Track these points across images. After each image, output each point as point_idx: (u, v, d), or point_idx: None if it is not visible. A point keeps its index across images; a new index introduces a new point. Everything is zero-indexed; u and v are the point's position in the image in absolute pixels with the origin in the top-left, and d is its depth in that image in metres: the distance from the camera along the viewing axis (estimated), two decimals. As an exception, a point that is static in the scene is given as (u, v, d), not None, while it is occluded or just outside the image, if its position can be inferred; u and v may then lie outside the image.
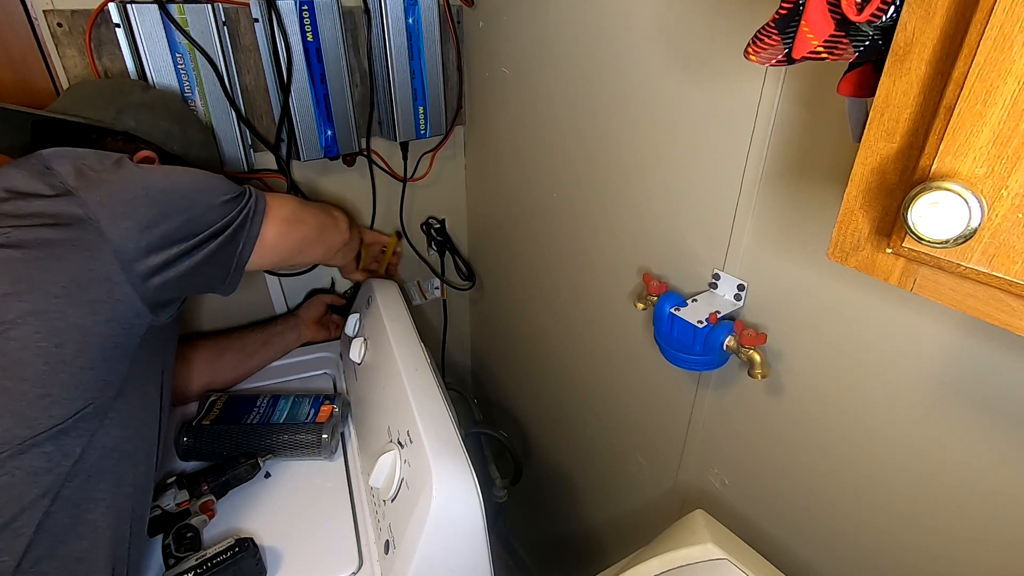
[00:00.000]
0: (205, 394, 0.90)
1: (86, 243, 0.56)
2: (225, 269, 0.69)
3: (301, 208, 0.78)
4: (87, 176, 0.59)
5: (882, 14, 0.30)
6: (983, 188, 0.27)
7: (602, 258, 0.88)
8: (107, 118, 0.70)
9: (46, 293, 0.54)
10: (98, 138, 0.71)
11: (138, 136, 0.72)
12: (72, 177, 0.59)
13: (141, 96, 0.75)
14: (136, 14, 0.74)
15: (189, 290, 0.67)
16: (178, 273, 0.62)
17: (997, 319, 0.30)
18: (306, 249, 0.81)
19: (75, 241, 0.56)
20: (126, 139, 0.72)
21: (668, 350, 0.69)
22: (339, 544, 0.73)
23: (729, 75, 0.60)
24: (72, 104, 0.71)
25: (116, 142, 0.71)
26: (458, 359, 1.49)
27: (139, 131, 0.72)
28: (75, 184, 0.58)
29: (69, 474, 0.54)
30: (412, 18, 0.93)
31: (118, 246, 0.57)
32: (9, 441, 0.51)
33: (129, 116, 0.72)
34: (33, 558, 0.51)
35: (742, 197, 0.63)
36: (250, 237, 0.69)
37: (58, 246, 0.55)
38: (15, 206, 0.56)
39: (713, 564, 0.68)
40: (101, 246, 0.57)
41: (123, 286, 0.58)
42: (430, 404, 0.72)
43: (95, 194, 0.58)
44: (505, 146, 1.05)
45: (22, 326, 0.53)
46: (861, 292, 0.54)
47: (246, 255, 0.70)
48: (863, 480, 0.59)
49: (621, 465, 0.98)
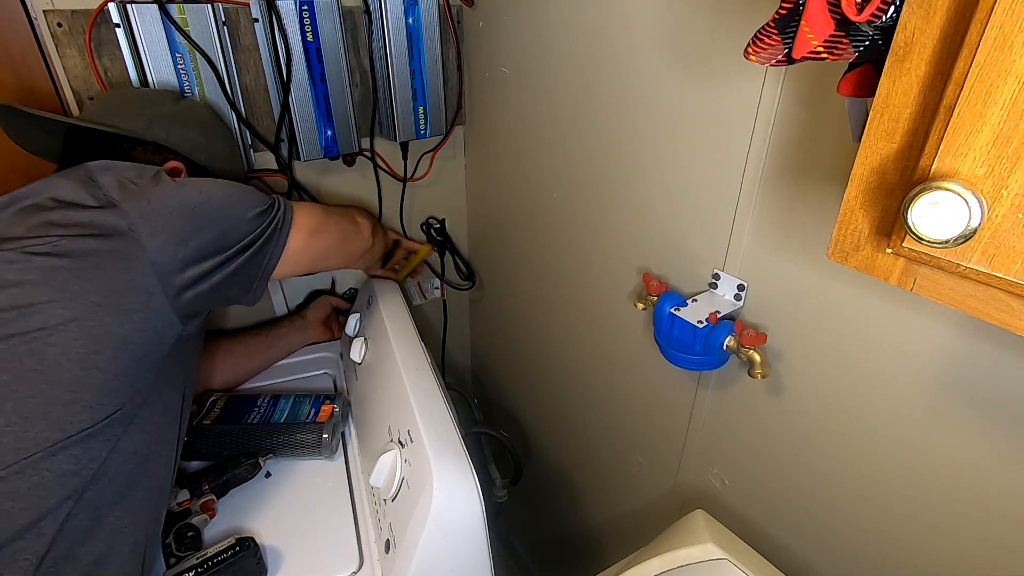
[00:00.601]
0: (204, 394, 0.90)
1: (126, 254, 0.58)
2: (251, 280, 0.70)
3: (325, 217, 0.79)
4: (129, 189, 0.61)
5: (882, 14, 0.30)
6: (983, 188, 0.27)
7: (602, 258, 0.88)
8: (138, 128, 0.72)
9: (87, 301, 0.56)
10: (129, 147, 0.72)
11: (167, 147, 0.74)
12: (115, 190, 0.61)
13: (172, 107, 0.76)
14: (136, 14, 0.74)
15: (218, 301, 0.68)
16: (210, 285, 0.64)
17: (997, 319, 0.30)
18: (329, 257, 0.82)
19: (116, 252, 0.58)
20: (155, 149, 0.73)
21: (668, 350, 0.69)
22: (339, 543, 0.73)
23: (729, 75, 0.60)
24: (104, 112, 0.73)
25: (146, 152, 0.73)
26: (458, 359, 1.49)
27: (168, 142, 0.74)
28: (118, 196, 0.60)
29: (93, 477, 0.55)
30: (412, 18, 0.94)
31: (155, 258, 0.59)
32: (41, 443, 0.52)
33: (160, 127, 0.73)
34: (52, 558, 0.52)
35: (742, 197, 0.63)
36: (277, 248, 0.70)
37: (100, 256, 0.57)
38: (62, 215, 0.58)
39: (713, 564, 0.68)
40: (140, 257, 0.59)
41: (158, 297, 0.60)
42: (430, 404, 0.72)
43: (136, 207, 0.60)
44: (505, 146, 1.05)
45: (63, 332, 0.54)
46: (861, 292, 0.54)
47: (272, 266, 0.71)
48: (863, 480, 0.59)
49: (621, 465, 0.98)
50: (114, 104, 0.74)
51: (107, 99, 0.76)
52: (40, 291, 0.54)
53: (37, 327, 0.53)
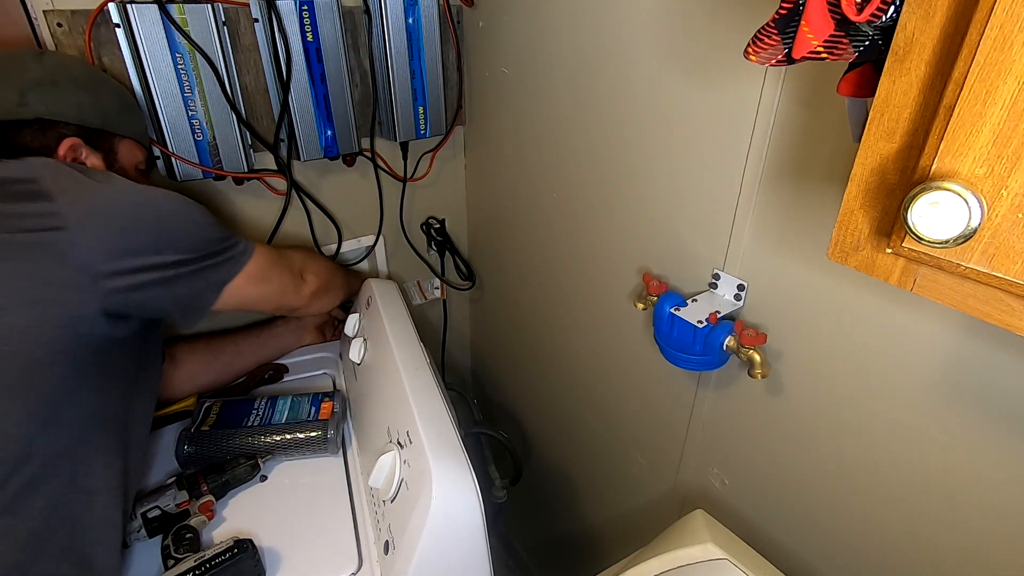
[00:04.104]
0: (198, 400, 0.89)
1: (53, 247, 0.57)
2: (185, 300, 0.69)
3: (271, 268, 0.80)
4: (70, 182, 0.60)
5: (882, 14, 0.30)
6: (983, 188, 0.27)
7: (602, 258, 0.88)
8: (10, 105, 0.63)
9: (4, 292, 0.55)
10: (12, 131, 0.64)
11: (53, 119, 0.66)
12: (51, 182, 0.59)
13: (38, 69, 0.66)
14: (136, 14, 0.74)
15: (147, 308, 0.66)
16: (135, 284, 0.62)
17: (997, 319, 0.30)
18: (259, 304, 0.83)
19: (42, 244, 0.57)
20: (42, 126, 0.65)
21: (668, 350, 0.69)
22: (339, 545, 0.72)
23: (729, 75, 0.60)
24: None
25: (32, 132, 0.65)
26: (458, 359, 1.49)
27: (50, 113, 0.65)
28: (53, 189, 0.59)
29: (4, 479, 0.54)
30: (412, 18, 0.93)
31: (83, 253, 0.58)
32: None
33: (34, 97, 0.64)
34: None
35: (742, 197, 0.63)
36: (220, 278, 0.71)
37: (25, 248, 0.56)
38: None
39: (713, 564, 0.68)
40: (67, 251, 0.58)
41: (82, 292, 0.59)
42: (430, 404, 0.72)
43: (69, 200, 0.59)
44: (505, 146, 1.05)
45: None
46: (861, 292, 0.54)
47: (210, 296, 0.71)
48: (863, 479, 0.59)
49: (621, 465, 0.98)
50: None
51: None
52: None
53: None
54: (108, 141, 0.72)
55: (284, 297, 0.85)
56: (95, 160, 0.70)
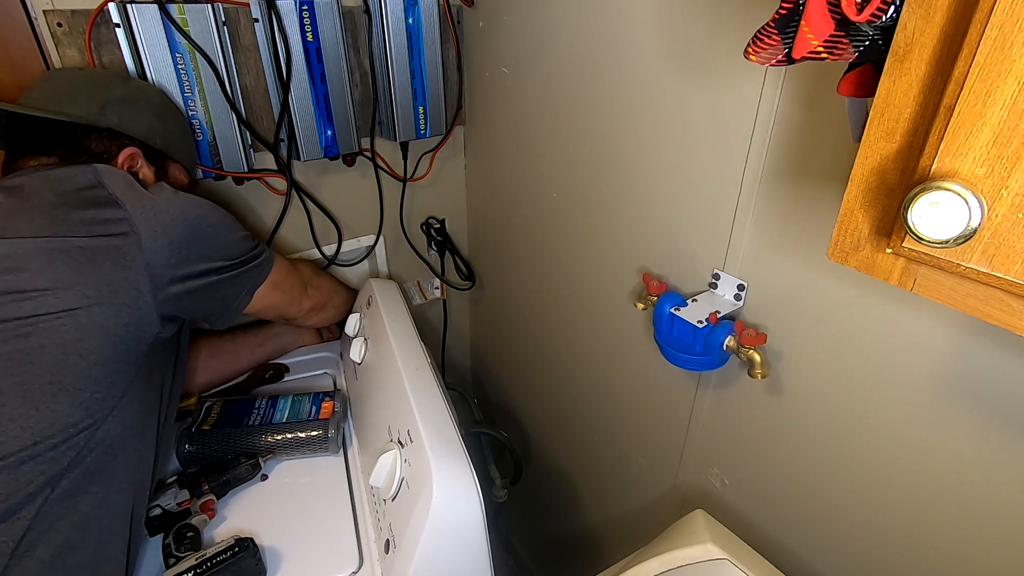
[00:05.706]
0: (199, 399, 0.89)
1: (124, 252, 0.62)
2: (226, 301, 0.76)
3: (287, 276, 0.85)
4: (135, 190, 0.65)
5: (882, 14, 0.30)
6: (983, 188, 0.27)
7: (602, 258, 0.88)
8: (91, 114, 0.69)
9: (80, 294, 0.58)
10: (83, 135, 0.70)
11: (122, 132, 0.72)
12: (121, 189, 0.64)
13: (123, 90, 0.73)
14: (136, 14, 0.74)
15: (193, 312, 0.72)
16: (190, 291, 0.68)
17: (997, 319, 0.30)
18: (271, 311, 0.87)
19: (115, 249, 0.61)
20: (111, 136, 0.72)
21: (668, 350, 0.69)
22: (339, 543, 0.72)
23: (729, 75, 0.60)
24: (52, 98, 0.70)
25: (100, 139, 0.71)
26: (458, 359, 1.49)
27: (122, 127, 0.72)
28: (123, 196, 0.64)
29: (70, 465, 0.57)
30: (412, 18, 0.93)
31: (151, 259, 0.63)
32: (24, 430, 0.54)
33: (112, 112, 0.71)
34: (27, 543, 0.53)
35: (742, 197, 0.63)
36: (255, 281, 0.78)
37: (99, 252, 0.60)
38: (66, 212, 0.61)
39: (713, 564, 0.68)
40: (136, 256, 0.62)
41: (147, 295, 0.63)
42: (430, 404, 0.72)
43: (139, 208, 0.64)
44: (505, 146, 1.05)
45: (53, 320, 0.57)
46: (861, 292, 0.54)
47: (245, 296, 0.78)
48: (863, 480, 0.59)
49: (621, 465, 0.98)
50: (62, 88, 0.71)
51: (53, 83, 0.72)
52: (37, 279, 0.57)
53: (29, 313, 0.56)
54: (163, 161, 0.78)
55: (289, 306, 0.89)
56: (148, 172, 0.75)
